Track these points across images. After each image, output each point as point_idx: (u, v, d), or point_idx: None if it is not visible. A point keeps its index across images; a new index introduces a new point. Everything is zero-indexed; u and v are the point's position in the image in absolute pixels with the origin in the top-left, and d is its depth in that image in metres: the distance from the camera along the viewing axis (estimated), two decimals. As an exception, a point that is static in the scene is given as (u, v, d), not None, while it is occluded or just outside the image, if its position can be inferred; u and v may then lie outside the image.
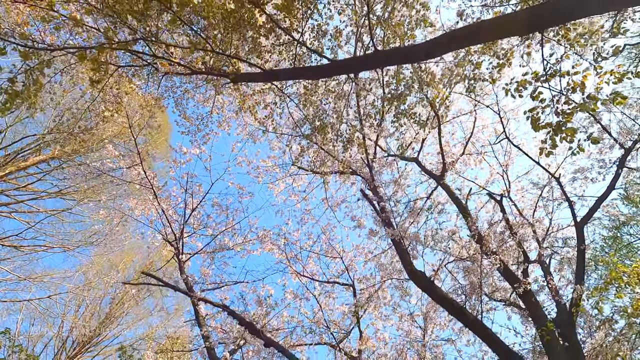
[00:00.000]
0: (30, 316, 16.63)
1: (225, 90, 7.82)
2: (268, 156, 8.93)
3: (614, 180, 5.96)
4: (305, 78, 4.09)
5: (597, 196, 5.98)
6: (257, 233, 9.39)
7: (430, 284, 4.48)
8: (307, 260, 9.76)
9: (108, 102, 6.11)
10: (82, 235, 11.55)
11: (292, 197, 9.97)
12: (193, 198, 8.41)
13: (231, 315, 5.41)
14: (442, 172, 6.75)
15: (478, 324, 4.15)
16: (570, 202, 5.88)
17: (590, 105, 2.82)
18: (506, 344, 3.93)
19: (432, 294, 4.59)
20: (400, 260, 4.88)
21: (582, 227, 5.53)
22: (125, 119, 7.48)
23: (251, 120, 8.72)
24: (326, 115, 4.90)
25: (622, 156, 6.34)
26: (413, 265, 4.70)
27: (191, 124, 8.45)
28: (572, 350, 4.25)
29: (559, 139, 3.16)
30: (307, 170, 8.86)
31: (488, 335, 4.01)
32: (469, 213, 5.86)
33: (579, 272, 4.96)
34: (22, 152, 10.60)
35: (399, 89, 4.19)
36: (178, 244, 7.15)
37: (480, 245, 5.11)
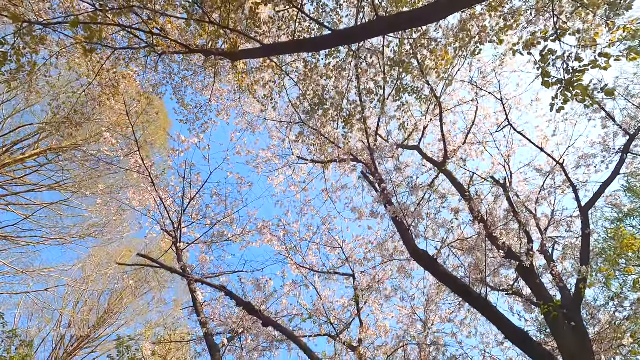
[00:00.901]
0: (28, 311, 16.56)
1: (224, 75, 7.72)
2: (267, 146, 8.84)
3: (619, 166, 5.88)
4: (306, 50, 3.98)
5: (602, 182, 5.90)
6: (256, 224, 9.30)
7: (433, 262, 4.38)
8: (307, 252, 9.68)
9: (104, 86, 6.00)
10: (80, 227, 11.46)
11: (291, 187, 9.88)
12: (191, 188, 8.32)
13: (229, 295, 5.32)
14: (444, 159, 6.65)
15: (482, 301, 4.06)
16: (575, 187, 5.79)
17: (602, 63, 2.72)
18: (512, 322, 3.83)
19: (434, 272, 4.49)
20: (402, 240, 4.78)
21: (587, 211, 5.45)
22: (123, 106, 7.37)
23: (250, 107, 8.62)
24: (326, 92, 4.79)
25: (627, 142, 6.26)
26: (415, 243, 4.60)
27: (189, 112, 8.36)
28: (579, 331, 4.15)
29: (570, 96, 2.99)
30: (306, 160, 8.76)
31: (493, 313, 3.92)
32: (471, 197, 5.77)
33: (584, 257, 4.87)
34: (20, 142, 10.49)
35: (402, 57, 4.08)
36: (176, 232, 7.05)
37: (484, 226, 5.01)
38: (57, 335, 15.34)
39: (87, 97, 6.05)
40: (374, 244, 8.79)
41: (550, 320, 4.35)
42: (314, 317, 7.05)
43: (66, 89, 5.97)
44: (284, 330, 4.97)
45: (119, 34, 6.70)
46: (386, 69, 4.46)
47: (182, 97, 7.85)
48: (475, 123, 8.39)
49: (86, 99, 5.99)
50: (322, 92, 4.67)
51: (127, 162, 7.98)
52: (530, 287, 5.15)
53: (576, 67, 2.79)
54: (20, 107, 11.54)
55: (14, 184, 11.20)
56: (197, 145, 8.49)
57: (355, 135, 5.32)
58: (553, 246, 6.91)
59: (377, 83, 4.73)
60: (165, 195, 8.07)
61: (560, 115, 8.21)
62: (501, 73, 7.84)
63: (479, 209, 5.33)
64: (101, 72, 6.03)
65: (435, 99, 7.14)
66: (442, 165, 6.63)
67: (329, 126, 5.58)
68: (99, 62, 6.18)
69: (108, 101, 5.90)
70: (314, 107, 4.63)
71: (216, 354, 5.23)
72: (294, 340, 4.76)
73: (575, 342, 4.02)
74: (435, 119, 7.76)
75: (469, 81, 7.58)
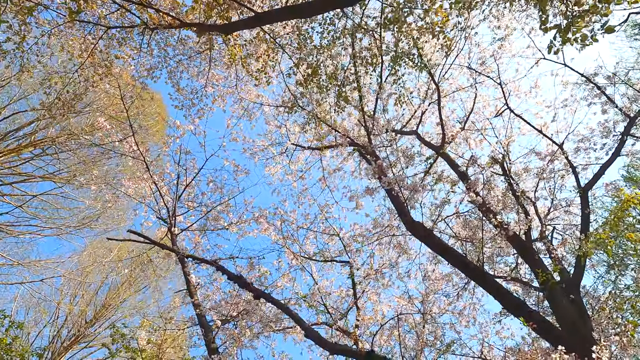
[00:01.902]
0: (25, 305, 16.46)
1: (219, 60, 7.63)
2: (265, 132, 8.75)
3: (619, 147, 5.80)
4: (300, 16, 3.89)
5: (602, 164, 5.82)
6: (253, 213, 9.20)
7: (429, 234, 4.29)
8: (304, 241, 9.58)
9: (97, 66, 5.92)
10: (76, 217, 11.36)
11: (288, 176, 9.79)
12: (187, 175, 8.23)
13: (220, 270, 5.23)
14: (442, 143, 6.57)
15: (479, 272, 3.97)
16: (574, 168, 5.72)
17: (603, 9, 2.62)
18: (509, 292, 3.75)
19: (431, 244, 4.41)
20: (398, 213, 4.69)
21: (587, 191, 5.37)
22: (117, 90, 7.29)
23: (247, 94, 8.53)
24: (321, 62, 4.68)
25: (627, 124, 6.19)
26: (411, 215, 4.51)
27: (185, 97, 8.27)
28: (577, 303, 4.05)
29: (571, 37, 2.82)
30: (303, 147, 8.68)
31: (492, 285, 3.83)
32: (468, 177, 5.68)
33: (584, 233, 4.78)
34: (14, 132, 10.40)
35: (397, 17, 3.97)
36: (170, 218, 6.96)
37: (481, 203, 4.91)
38: (54, 329, 15.25)
39: (79, 77, 5.96)
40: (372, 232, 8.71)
41: (549, 291, 4.26)
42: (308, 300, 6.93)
43: (58, 68, 5.87)
44: (276, 302, 4.89)
45: (112, 15, 6.63)
46: (382, 33, 4.34)
47: (177, 81, 7.77)
48: (474, 111, 8.32)
49: (79, 80, 5.89)
50: (316, 65, 4.58)
51: (122, 148, 7.90)
52: (528, 263, 5.05)
53: (575, 10, 2.66)
54: (15, 97, 11.46)
55: (9, 175, 11.11)
56: (193, 132, 8.41)
57: (350, 111, 5.22)
58: (552, 232, 6.82)
59: (371, 51, 4.63)
60: (160, 182, 7.99)
61: (560, 101, 8.13)
62: (500, 57, 7.76)
63: (476, 188, 5.24)
64: (94, 53, 5.94)
65: (434, 83, 7.07)
66: (440, 148, 6.54)
67: (324, 104, 5.49)
68: (91, 42, 6.10)
69: (101, 81, 5.81)
70: (307, 78, 4.54)
71: (209, 334, 5.15)
72: (286, 312, 4.68)
73: (573, 312, 3.93)
74: (434, 104, 7.68)
75: (468, 66, 7.50)
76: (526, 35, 8.05)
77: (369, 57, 4.65)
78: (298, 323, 4.51)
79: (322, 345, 4.29)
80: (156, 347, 8.00)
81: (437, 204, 5.43)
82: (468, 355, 8.72)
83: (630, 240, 4.03)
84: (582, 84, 7.91)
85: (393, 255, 7.52)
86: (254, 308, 5.76)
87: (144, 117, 9.42)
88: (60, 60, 5.75)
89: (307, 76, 4.42)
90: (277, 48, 4.99)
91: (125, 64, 7.37)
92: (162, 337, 8.25)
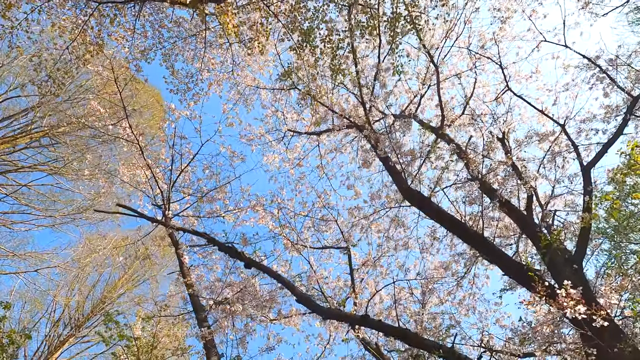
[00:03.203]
0: (22, 299, 16.33)
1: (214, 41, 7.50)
2: (261, 118, 8.62)
3: (622, 125, 5.67)
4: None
5: (605, 142, 5.69)
6: (250, 201, 9.05)
7: (426, 201, 4.16)
8: (302, 230, 9.43)
9: (89, 43, 5.79)
10: (71, 206, 11.22)
11: (285, 164, 9.66)
12: (182, 160, 8.09)
13: (211, 242, 5.11)
14: (441, 124, 6.44)
15: (480, 239, 3.84)
16: (576, 147, 5.59)
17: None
18: (510, 257, 3.62)
19: (428, 211, 4.28)
20: (394, 182, 4.56)
21: (589, 169, 5.24)
22: (111, 72, 7.16)
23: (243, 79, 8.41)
24: (316, 24, 4.53)
25: (630, 103, 6.06)
26: (407, 183, 4.38)
27: (180, 81, 8.15)
28: (580, 275, 3.90)
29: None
30: (300, 132, 8.56)
31: (493, 251, 3.70)
32: (468, 155, 5.55)
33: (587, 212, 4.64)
34: (7, 119, 10.27)
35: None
36: (165, 202, 6.83)
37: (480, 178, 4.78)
38: (50, 321, 15.13)
39: (70, 55, 5.83)
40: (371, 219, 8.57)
41: (551, 261, 4.12)
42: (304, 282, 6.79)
43: (49, 44, 5.75)
44: (268, 271, 4.76)
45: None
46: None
47: (172, 64, 7.65)
48: (474, 98, 8.18)
49: (70, 57, 5.77)
50: (309, 28, 4.44)
51: (116, 132, 7.77)
52: (529, 236, 4.91)
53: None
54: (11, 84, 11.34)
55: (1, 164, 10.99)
56: (189, 117, 8.26)
57: (347, 96, 5.07)
58: (553, 216, 6.69)
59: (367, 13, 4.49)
60: (155, 169, 7.85)
61: (561, 85, 8.00)
62: (500, 40, 7.63)
63: (477, 165, 5.10)
64: (85, 30, 5.82)
65: (434, 65, 6.95)
66: (439, 129, 6.41)
67: (319, 79, 5.36)
68: (82, 20, 5.97)
69: (92, 58, 5.68)
70: (301, 43, 4.41)
71: (201, 314, 5.03)
72: (278, 279, 4.55)
73: (576, 280, 3.78)
74: (433, 88, 7.56)
75: (467, 48, 7.38)
76: (527, 18, 7.93)
77: (365, 21, 4.52)
78: (290, 289, 4.38)
79: (315, 310, 4.16)
80: (151, 335, 7.86)
81: (435, 176, 5.29)
82: (467, 344, 8.63)
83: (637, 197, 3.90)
84: (583, 68, 7.78)
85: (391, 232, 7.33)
86: (247, 288, 5.63)
87: (137, 101, 9.30)
88: (52, 36, 5.62)
89: (302, 40, 4.26)
90: (271, 15, 4.85)
91: (119, 46, 7.26)
92: (157, 325, 8.11)
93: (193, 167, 8.23)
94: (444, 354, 3.91)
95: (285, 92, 8.51)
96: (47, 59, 5.62)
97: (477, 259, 8.79)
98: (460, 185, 5.61)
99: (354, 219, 7.30)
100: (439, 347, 3.95)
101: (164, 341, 9.40)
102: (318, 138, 8.25)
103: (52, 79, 5.70)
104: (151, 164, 7.10)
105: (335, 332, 9.17)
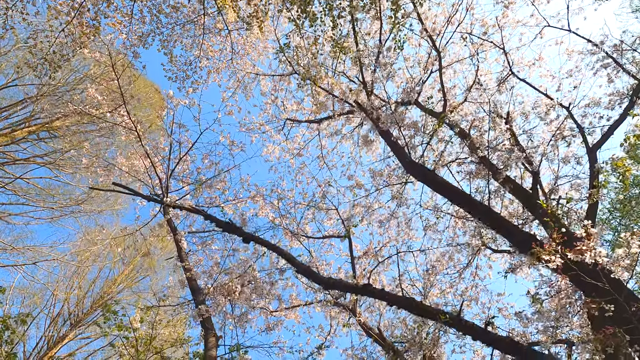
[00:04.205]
0: (21, 295, 16.26)
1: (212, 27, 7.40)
2: (261, 105, 8.51)
3: (629, 107, 5.56)
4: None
5: (611, 124, 5.59)
6: (250, 192, 8.94)
7: (430, 174, 4.05)
8: (302, 222, 9.32)
9: (85, 26, 5.70)
10: (69, 198, 11.13)
11: (286, 155, 9.56)
12: (181, 149, 7.99)
13: (208, 218, 5.01)
14: (443, 109, 6.34)
15: (485, 209, 3.74)
16: (582, 128, 5.48)
17: None
18: (517, 226, 3.52)
19: (432, 184, 4.18)
20: (396, 157, 4.45)
21: (595, 151, 5.14)
22: (108, 58, 7.06)
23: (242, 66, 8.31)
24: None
25: (637, 86, 5.95)
26: (410, 157, 4.27)
27: (179, 69, 8.05)
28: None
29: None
30: (299, 121, 8.46)
31: (499, 221, 3.59)
32: (471, 137, 5.44)
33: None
34: (4, 110, 10.19)
35: None
36: (163, 187, 6.73)
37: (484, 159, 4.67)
38: (49, 317, 15.04)
39: (66, 38, 5.74)
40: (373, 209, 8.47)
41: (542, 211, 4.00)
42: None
43: (44, 26, 5.65)
44: (267, 244, 4.66)
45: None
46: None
47: (171, 50, 7.55)
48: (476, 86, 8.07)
49: (66, 40, 5.67)
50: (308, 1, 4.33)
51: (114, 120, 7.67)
52: (534, 215, 4.80)
53: None
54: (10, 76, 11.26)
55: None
56: (188, 106, 8.15)
57: (348, 55, 4.94)
58: (557, 202, 6.58)
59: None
60: (154, 158, 7.75)
61: (565, 72, 7.89)
62: (504, 25, 7.53)
63: (481, 143, 4.99)
64: (82, 11, 5.73)
65: (434, 49, 6.85)
66: (441, 114, 6.30)
67: (319, 58, 5.26)
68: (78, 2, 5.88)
69: (88, 40, 5.58)
70: (300, 14, 4.28)
71: (198, 297, 4.93)
72: (276, 251, 4.45)
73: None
74: (434, 74, 7.45)
75: (469, 33, 7.27)
76: (530, 4, 7.82)
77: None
78: (289, 261, 4.28)
79: (315, 279, 4.06)
80: (149, 326, 7.77)
81: (438, 148, 5.15)
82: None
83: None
84: (587, 53, 7.67)
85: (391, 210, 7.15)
86: (246, 272, 5.54)
87: (135, 89, 9.20)
88: (47, 18, 5.52)
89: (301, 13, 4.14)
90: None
91: (116, 32, 7.17)
92: (156, 315, 8.02)
93: (192, 155, 8.14)
94: (450, 320, 3.81)
95: (285, 81, 8.42)
96: (42, 41, 5.52)
97: (479, 249, 8.70)
98: (463, 162, 5.50)
99: (355, 198, 7.17)
100: (445, 313, 3.85)
101: (162, 333, 9.32)
102: (318, 127, 8.15)
103: (48, 62, 5.60)
104: (149, 151, 7.00)
105: (336, 325, 9.08)
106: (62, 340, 15.69)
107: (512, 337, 3.69)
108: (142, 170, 8.16)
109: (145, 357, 8.07)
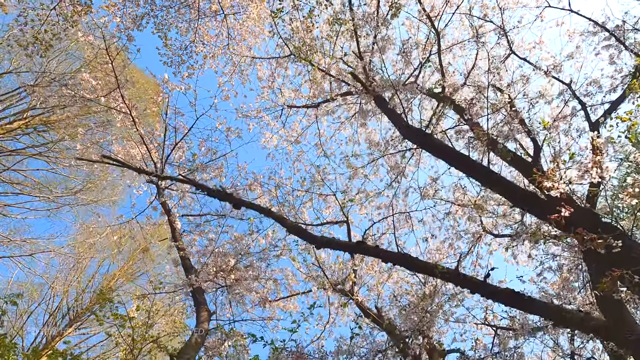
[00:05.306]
0: (20, 290, 16.19)
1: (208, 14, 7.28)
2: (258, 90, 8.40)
3: (630, 87, 5.43)
4: None
5: (613, 101, 5.48)
6: (247, 179, 8.82)
7: (428, 137, 3.94)
8: (301, 209, 9.20)
9: (76, 4, 5.60)
10: (65, 188, 11.04)
11: (283, 142, 9.45)
12: (177, 136, 7.87)
13: (199, 187, 4.91)
14: (442, 90, 6.23)
15: (485, 170, 3.63)
16: (584, 104, 5.37)
17: None
18: (518, 186, 3.40)
19: (431, 147, 4.07)
20: (393, 123, 4.34)
21: (597, 127, 5.03)
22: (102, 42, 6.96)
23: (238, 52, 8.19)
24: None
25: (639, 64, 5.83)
26: (407, 121, 4.16)
27: (174, 53, 7.95)
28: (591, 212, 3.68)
29: None
30: (297, 107, 8.35)
31: (500, 182, 3.47)
32: (470, 113, 5.32)
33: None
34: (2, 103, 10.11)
35: None
36: (157, 170, 6.62)
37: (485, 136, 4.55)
38: (48, 312, 14.96)
39: (58, 16, 5.64)
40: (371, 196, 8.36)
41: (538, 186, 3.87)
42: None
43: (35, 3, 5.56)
44: (258, 208, 4.56)
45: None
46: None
47: (165, 33, 7.45)
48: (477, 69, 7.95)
49: (57, 18, 5.58)
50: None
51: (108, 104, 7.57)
52: (535, 185, 4.67)
53: None
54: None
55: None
56: (184, 92, 8.04)
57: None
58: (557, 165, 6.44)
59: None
60: (150, 144, 7.64)
61: (566, 55, 7.77)
62: (504, 5, 7.41)
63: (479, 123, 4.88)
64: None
65: (433, 28, 6.73)
66: (439, 94, 6.20)
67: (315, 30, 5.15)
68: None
69: (80, 18, 5.49)
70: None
71: (191, 276, 4.83)
72: (268, 214, 4.34)
73: (590, 222, 3.57)
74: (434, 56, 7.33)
75: (469, 13, 7.16)
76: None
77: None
78: (281, 222, 4.18)
79: (308, 238, 3.94)
80: (145, 314, 7.67)
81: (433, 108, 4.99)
82: (471, 323, 8.41)
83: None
84: (588, 34, 7.55)
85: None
86: (240, 247, 5.43)
87: (129, 71, 9.07)
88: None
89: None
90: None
91: (110, 15, 7.07)
92: (152, 304, 7.91)
93: (189, 142, 8.03)
94: (448, 275, 3.70)
95: (282, 67, 8.30)
96: (33, 19, 5.43)
97: (480, 237, 8.58)
98: (461, 130, 5.37)
99: (351, 170, 7.04)
100: (443, 267, 3.74)
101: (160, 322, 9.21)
102: (316, 112, 8.04)
103: (39, 41, 5.51)
104: (144, 135, 6.90)
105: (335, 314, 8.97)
106: (60, 336, 15.61)
107: (512, 289, 3.57)
108: (138, 157, 8.06)
109: (142, 346, 7.98)
